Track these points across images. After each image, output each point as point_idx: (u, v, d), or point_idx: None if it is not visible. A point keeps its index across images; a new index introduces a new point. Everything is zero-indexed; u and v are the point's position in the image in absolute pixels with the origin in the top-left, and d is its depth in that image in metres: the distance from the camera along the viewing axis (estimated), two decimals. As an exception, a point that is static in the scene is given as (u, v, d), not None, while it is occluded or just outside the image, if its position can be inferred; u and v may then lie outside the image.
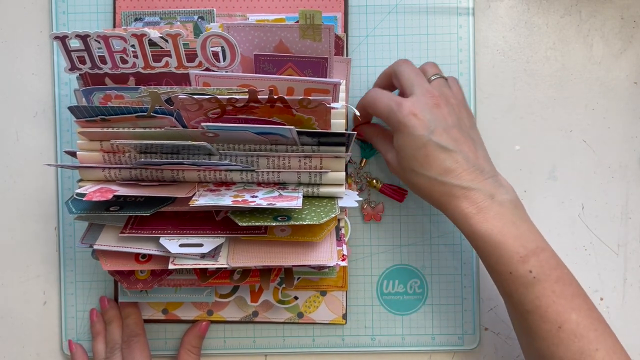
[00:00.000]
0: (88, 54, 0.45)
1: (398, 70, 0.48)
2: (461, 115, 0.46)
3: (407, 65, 0.48)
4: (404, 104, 0.45)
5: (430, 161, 0.44)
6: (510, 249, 0.42)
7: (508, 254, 0.42)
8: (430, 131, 0.44)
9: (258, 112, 0.43)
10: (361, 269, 0.55)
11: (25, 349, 0.56)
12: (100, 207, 0.46)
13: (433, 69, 0.49)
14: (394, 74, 0.48)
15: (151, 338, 0.54)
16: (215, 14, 0.52)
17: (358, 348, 0.55)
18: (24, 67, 0.55)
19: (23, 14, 0.55)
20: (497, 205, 0.43)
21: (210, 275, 0.49)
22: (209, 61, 0.45)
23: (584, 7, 0.55)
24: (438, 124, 0.44)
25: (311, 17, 0.44)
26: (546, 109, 0.55)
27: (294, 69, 0.47)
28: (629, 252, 0.55)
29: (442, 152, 0.44)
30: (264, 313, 0.54)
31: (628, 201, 0.55)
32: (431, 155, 0.44)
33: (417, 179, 0.45)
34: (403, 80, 0.47)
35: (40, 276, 0.56)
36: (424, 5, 0.54)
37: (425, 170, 0.44)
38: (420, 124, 0.44)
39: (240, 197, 0.43)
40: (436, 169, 0.44)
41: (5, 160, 0.56)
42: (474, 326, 0.55)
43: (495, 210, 0.43)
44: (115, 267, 0.47)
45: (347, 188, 0.53)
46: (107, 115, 0.45)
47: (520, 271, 0.42)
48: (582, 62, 0.55)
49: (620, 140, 0.55)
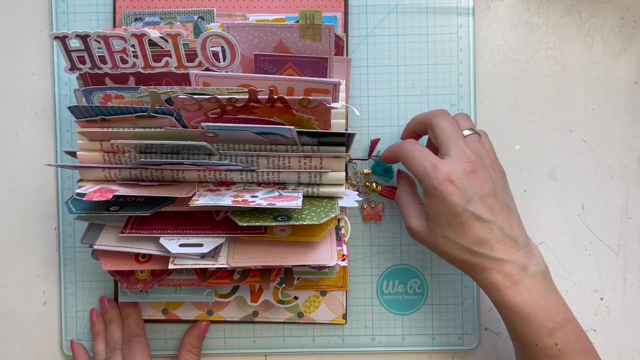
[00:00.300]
0: (88, 54, 0.45)
1: (435, 123, 0.46)
2: (496, 178, 0.45)
3: (445, 119, 0.46)
4: (441, 168, 0.43)
5: (465, 230, 0.43)
6: (539, 322, 0.42)
7: (537, 327, 0.43)
8: (467, 200, 0.43)
9: (258, 112, 0.43)
10: (361, 269, 0.55)
11: (25, 349, 0.56)
12: (100, 207, 0.46)
13: (466, 123, 0.47)
14: (429, 125, 0.47)
15: (151, 338, 0.54)
16: (215, 14, 0.52)
17: (358, 348, 0.55)
18: (24, 67, 0.55)
19: (23, 14, 0.55)
20: (529, 278, 0.43)
21: (210, 275, 0.49)
22: (209, 61, 0.45)
23: (584, 7, 0.55)
24: (475, 191, 0.43)
25: (311, 17, 0.44)
26: (546, 109, 0.55)
27: (294, 69, 0.47)
28: (629, 252, 0.55)
29: (477, 222, 0.43)
30: (264, 313, 0.54)
31: (628, 201, 0.55)
32: (466, 224, 0.43)
33: (449, 245, 0.44)
34: (440, 136, 0.45)
35: (40, 276, 0.56)
36: (424, 5, 0.54)
37: (459, 238, 0.43)
38: (456, 191, 0.42)
39: (240, 197, 0.43)
40: (470, 239, 0.43)
41: (5, 160, 0.56)
42: (474, 326, 0.55)
43: (527, 283, 0.43)
44: (115, 267, 0.47)
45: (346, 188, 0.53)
46: (107, 115, 0.45)
47: (546, 344, 0.43)
48: (582, 62, 0.55)
49: (620, 140, 0.55)
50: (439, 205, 0.43)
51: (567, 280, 0.55)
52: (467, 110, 0.54)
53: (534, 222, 0.55)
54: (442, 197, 0.43)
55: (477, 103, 0.55)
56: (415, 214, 0.47)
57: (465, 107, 0.54)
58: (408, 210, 0.48)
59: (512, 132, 0.55)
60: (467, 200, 0.43)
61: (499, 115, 0.55)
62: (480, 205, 0.43)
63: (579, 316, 0.43)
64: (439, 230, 0.44)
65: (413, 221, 0.47)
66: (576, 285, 0.55)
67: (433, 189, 0.43)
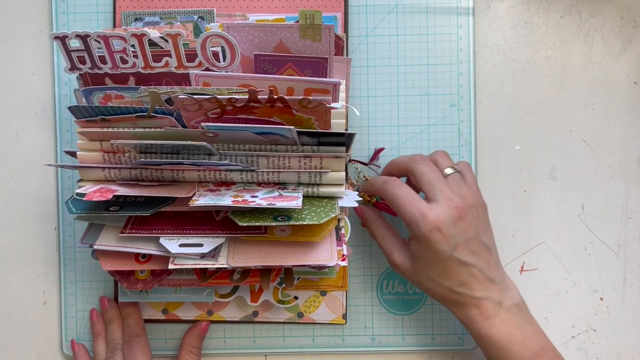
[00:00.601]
0: (88, 54, 0.45)
1: (417, 170, 0.47)
2: (479, 217, 0.47)
3: (425, 165, 0.47)
4: (429, 216, 0.44)
5: (449, 273, 0.45)
6: (515, 353, 0.45)
7: (513, 358, 0.45)
8: (453, 247, 0.44)
9: (258, 112, 0.43)
10: (361, 269, 0.55)
11: (25, 349, 0.56)
12: (100, 207, 0.46)
13: (446, 161, 0.48)
14: (411, 172, 0.48)
15: (151, 338, 0.54)
16: (215, 14, 0.52)
17: (358, 348, 0.55)
18: (24, 67, 0.55)
19: (23, 14, 0.55)
20: (504, 312, 0.46)
21: (210, 275, 0.49)
22: (209, 61, 0.45)
23: (584, 7, 0.55)
24: (460, 238, 0.45)
25: (311, 17, 0.44)
26: (546, 109, 0.55)
27: (294, 69, 0.47)
28: (629, 252, 0.55)
29: (460, 267, 0.45)
30: (264, 313, 0.54)
31: (628, 201, 0.55)
32: (450, 268, 0.45)
33: (432, 285, 0.47)
34: (423, 182, 0.47)
35: (40, 276, 0.56)
36: (424, 5, 0.54)
37: (442, 280, 0.46)
38: (443, 239, 0.44)
39: (240, 197, 0.43)
40: (453, 281, 0.46)
41: (5, 160, 0.56)
42: (474, 326, 0.55)
43: (502, 316, 0.45)
44: (115, 267, 0.47)
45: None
46: (107, 115, 0.45)
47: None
48: (582, 62, 0.55)
49: (620, 140, 0.55)
50: (426, 251, 0.45)
51: (567, 280, 0.55)
52: (467, 110, 0.54)
53: (534, 222, 0.55)
54: (430, 244, 0.45)
55: (477, 103, 0.55)
56: (397, 249, 0.49)
57: (465, 107, 0.54)
58: (389, 246, 0.49)
59: (512, 132, 0.55)
60: (453, 247, 0.45)
61: (499, 115, 0.55)
62: (465, 251, 0.45)
63: (579, 316, 0.44)
64: (424, 271, 0.46)
65: (397, 257, 0.48)
66: (576, 285, 0.55)
67: (422, 236, 0.45)
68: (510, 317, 0.46)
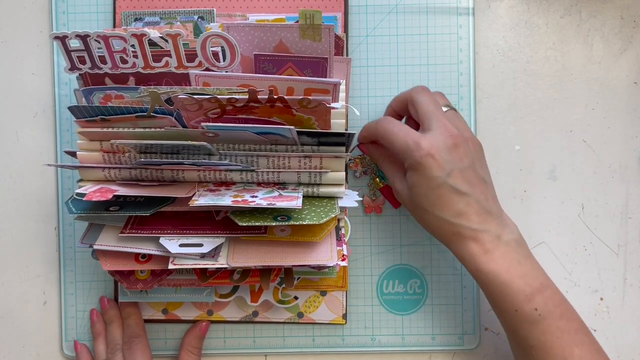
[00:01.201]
0: (88, 54, 0.45)
1: (417, 99, 0.47)
2: (475, 151, 0.46)
3: (426, 94, 0.47)
4: (422, 143, 0.44)
5: (443, 202, 0.44)
6: (516, 288, 0.43)
7: (514, 293, 0.43)
8: (447, 173, 0.44)
9: (258, 112, 0.43)
10: (361, 269, 0.55)
11: (25, 349, 0.56)
12: (100, 207, 0.46)
13: (443, 100, 0.48)
14: (410, 101, 0.48)
15: (151, 338, 0.54)
16: (215, 14, 0.52)
17: (358, 348, 0.55)
18: (24, 67, 0.55)
19: (23, 14, 0.55)
20: (503, 246, 0.44)
21: (210, 275, 0.49)
22: (209, 61, 0.45)
23: (584, 7, 0.55)
24: (455, 165, 0.44)
25: (311, 17, 0.44)
26: (546, 109, 0.55)
27: (294, 69, 0.47)
28: (629, 252, 0.55)
29: (456, 195, 0.44)
30: (264, 313, 0.54)
31: (628, 201, 0.55)
32: (445, 196, 0.44)
33: (428, 217, 0.45)
34: (422, 111, 0.46)
35: (40, 276, 0.56)
36: (424, 5, 0.54)
37: (437, 210, 0.44)
38: (437, 165, 0.43)
39: (240, 197, 0.43)
40: (448, 211, 0.44)
41: (5, 160, 0.56)
42: (474, 326, 0.55)
43: (501, 250, 0.44)
44: (115, 267, 0.47)
45: (352, 167, 0.53)
46: (107, 115, 0.45)
47: (525, 309, 0.43)
48: (582, 62, 0.55)
49: (620, 140, 0.55)
50: (419, 178, 0.44)
51: (567, 280, 0.55)
52: (467, 110, 0.54)
53: (534, 222, 0.55)
54: (423, 171, 0.44)
55: (477, 103, 0.55)
56: (399, 178, 0.48)
57: (465, 107, 0.54)
58: (393, 176, 0.49)
59: (512, 132, 0.55)
60: (447, 173, 0.44)
61: (499, 115, 0.55)
62: (459, 179, 0.44)
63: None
64: (419, 202, 0.45)
65: (398, 185, 0.48)
66: (576, 285, 0.55)
67: (415, 163, 0.44)
68: (510, 251, 0.44)
